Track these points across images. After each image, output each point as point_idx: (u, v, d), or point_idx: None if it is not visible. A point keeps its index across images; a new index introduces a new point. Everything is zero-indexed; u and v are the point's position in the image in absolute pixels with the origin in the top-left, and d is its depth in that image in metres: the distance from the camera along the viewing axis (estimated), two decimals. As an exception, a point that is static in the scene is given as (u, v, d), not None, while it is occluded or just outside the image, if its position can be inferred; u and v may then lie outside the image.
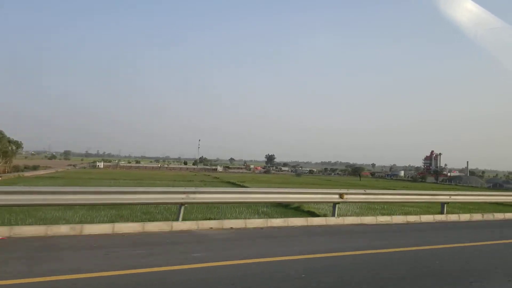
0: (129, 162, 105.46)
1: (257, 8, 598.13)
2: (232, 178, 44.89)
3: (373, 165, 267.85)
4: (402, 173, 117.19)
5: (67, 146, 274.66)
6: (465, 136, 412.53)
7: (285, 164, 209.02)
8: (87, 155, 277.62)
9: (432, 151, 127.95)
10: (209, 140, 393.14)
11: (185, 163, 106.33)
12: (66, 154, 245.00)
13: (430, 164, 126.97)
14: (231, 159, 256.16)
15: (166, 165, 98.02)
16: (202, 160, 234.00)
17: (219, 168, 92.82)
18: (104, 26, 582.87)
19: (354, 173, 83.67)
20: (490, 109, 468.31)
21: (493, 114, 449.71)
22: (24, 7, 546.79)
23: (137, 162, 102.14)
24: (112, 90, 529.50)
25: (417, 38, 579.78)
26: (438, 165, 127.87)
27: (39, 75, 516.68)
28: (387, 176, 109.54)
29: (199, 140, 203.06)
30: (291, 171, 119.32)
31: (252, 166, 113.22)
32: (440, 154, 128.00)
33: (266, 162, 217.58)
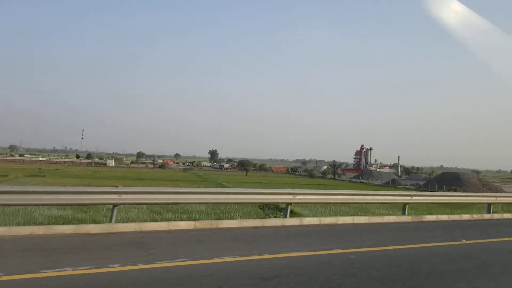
0: (12, 155, 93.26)
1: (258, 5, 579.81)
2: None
3: (334, 161, 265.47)
4: (323, 168, 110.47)
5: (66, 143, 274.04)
6: (461, 136, 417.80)
7: (229, 160, 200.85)
8: (54, 150, 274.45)
9: (362, 146, 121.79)
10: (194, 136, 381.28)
11: (78, 157, 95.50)
12: (12, 149, 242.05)
13: (360, 159, 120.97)
14: (177, 155, 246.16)
15: (48, 159, 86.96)
16: (147, 155, 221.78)
17: (110, 162, 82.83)
18: (101, 26, 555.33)
19: (242, 168, 74.88)
20: (485, 109, 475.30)
21: (485, 115, 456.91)
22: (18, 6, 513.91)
23: (21, 155, 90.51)
24: (105, 89, 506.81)
25: (413, 37, 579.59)
26: (369, 160, 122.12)
27: (34, 74, 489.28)
28: (303, 172, 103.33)
29: (83, 130, 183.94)
30: (212, 167, 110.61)
31: (160, 161, 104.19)
32: (370, 148, 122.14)
33: (210, 158, 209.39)
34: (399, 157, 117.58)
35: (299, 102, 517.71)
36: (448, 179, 50.15)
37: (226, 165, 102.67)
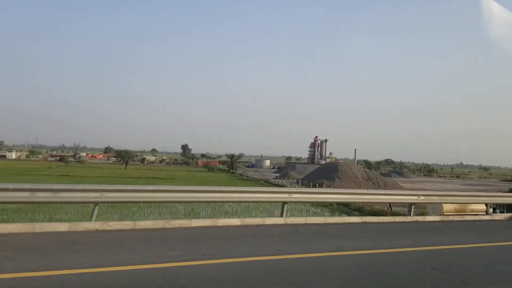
0: None
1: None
2: None
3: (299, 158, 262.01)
4: (267, 162, 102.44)
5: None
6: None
7: (203, 155, 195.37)
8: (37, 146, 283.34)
9: (316, 137, 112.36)
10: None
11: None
12: None
13: (314, 152, 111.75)
14: (153, 150, 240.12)
15: None
16: (114, 150, 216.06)
17: (9, 155, 75.63)
18: (104, 24, 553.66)
19: (121, 159, 66.35)
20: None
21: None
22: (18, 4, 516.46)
23: None
24: (105, 87, 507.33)
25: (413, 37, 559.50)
26: (324, 152, 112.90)
27: (33, 73, 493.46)
28: (250, 166, 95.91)
29: None
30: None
31: (83, 154, 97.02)
32: (326, 140, 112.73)
33: (181, 153, 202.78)
34: (355, 149, 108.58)
35: (300, 97, 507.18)
36: (326, 170, 41.49)
37: (152, 158, 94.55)
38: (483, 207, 18.58)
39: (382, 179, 40.62)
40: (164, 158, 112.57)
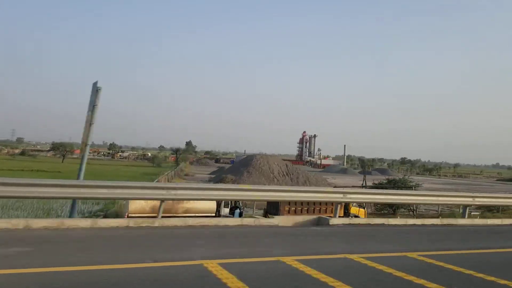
0: None
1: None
2: None
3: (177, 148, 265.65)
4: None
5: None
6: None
7: (207, 152, 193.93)
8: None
9: (304, 133, 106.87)
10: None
11: None
12: (19, 141, 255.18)
13: (302, 148, 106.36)
14: (161, 147, 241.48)
15: None
16: (119, 146, 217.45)
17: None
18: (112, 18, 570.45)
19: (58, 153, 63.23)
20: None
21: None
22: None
23: None
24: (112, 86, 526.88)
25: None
26: (312, 149, 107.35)
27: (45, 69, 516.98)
28: (231, 162, 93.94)
29: None
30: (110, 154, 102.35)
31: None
32: (314, 136, 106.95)
33: (185, 150, 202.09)
34: (345, 145, 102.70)
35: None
36: (240, 164, 37.24)
37: (125, 154, 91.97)
38: (212, 205, 13.88)
39: (304, 175, 35.80)
40: (148, 153, 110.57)
